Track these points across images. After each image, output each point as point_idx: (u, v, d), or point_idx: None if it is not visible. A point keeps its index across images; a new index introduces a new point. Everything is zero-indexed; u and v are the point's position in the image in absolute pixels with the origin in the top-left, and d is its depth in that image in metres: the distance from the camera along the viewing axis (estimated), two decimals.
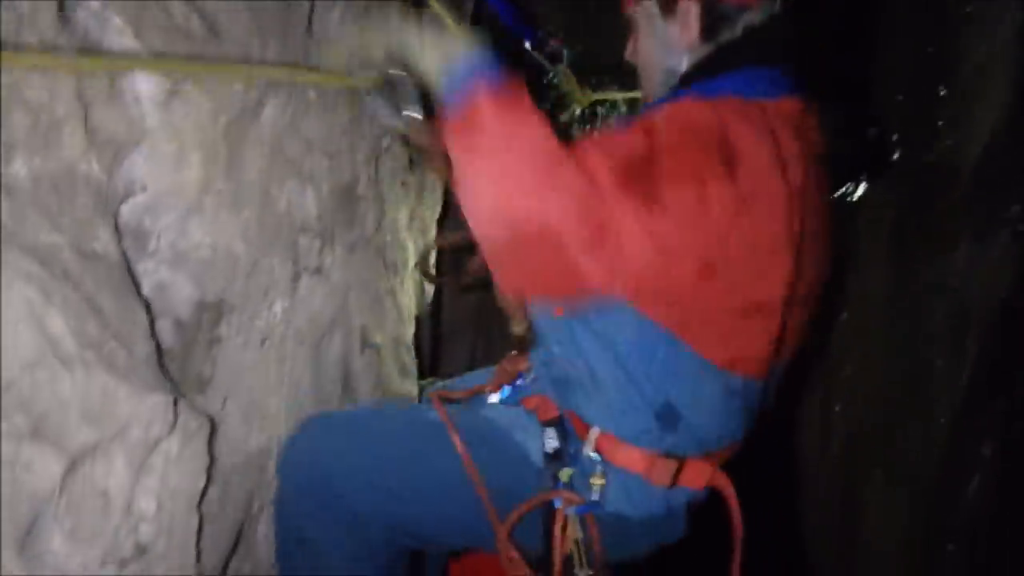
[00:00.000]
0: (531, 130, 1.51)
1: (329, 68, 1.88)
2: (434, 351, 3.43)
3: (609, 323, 1.76)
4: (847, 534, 3.62)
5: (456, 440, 1.86)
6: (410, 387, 2.60)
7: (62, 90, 1.29)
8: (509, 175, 1.51)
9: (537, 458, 1.90)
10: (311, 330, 2.06)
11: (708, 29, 1.80)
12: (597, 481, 1.83)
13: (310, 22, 1.91)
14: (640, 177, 1.51)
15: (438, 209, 3.16)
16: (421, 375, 2.81)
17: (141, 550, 1.44)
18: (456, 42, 1.64)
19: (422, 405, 2.19)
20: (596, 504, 1.83)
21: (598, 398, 1.85)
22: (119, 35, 1.38)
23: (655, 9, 1.87)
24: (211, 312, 1.70)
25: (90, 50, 1.35)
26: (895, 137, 3.78)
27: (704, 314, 1.69)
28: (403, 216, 2.69)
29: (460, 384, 2.31)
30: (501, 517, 1.83)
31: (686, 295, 1.64)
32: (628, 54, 2.03)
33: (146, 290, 1.58)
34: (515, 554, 1.85)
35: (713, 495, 1.94)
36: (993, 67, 3.10)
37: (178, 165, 1.57)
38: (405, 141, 2.19)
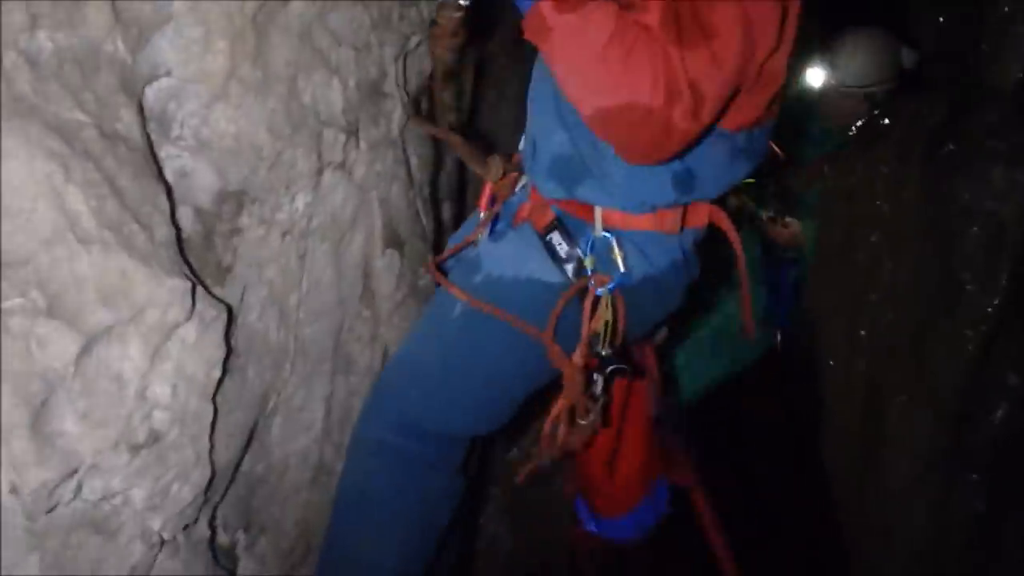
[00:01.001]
0: (594, 23, 1.59)
1: None
2: None
3: None
4: (870, 459, 3.62)
5: (479, 305, 2.00)
6: (432, 288, 2.59)
7: None
8: (587, 68, 1.62)
9: (553, 273, 2.00)
10: (333, 227, 2.04)
11: None
12: (617, 254, 1.96)
13: None
14: (689, 15, 1.59)
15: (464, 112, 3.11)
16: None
17: (154, 437, 1.46)
18: None
19: (439, 294, 2.23)
20: (625, 275, 1.97)
21: (601, 176, 1.94)
22: None
23: None
24: (232, 202, 1.69)
25: None
26: (933, 55, 3.69)
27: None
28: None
29: (452, 244, 2.41)
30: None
31: None
32: None
33: (168, 175, 1.57)
34: (559, 350, 1.98)
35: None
36: None
37: (204, 50, 1.55)
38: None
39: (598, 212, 1.97)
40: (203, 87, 1.58)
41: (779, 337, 4.35)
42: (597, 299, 1.96)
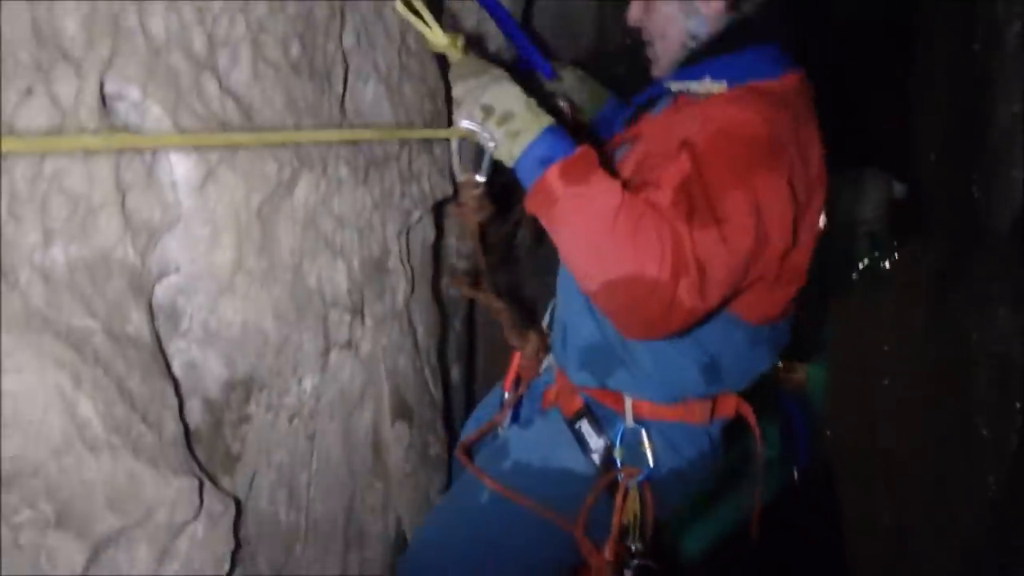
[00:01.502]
0: (602, 194, 1.65)
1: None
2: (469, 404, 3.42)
3: None
4: None
5: (508, 494, 2.05)
6: (442, 455, 2.59)
7: (101, 178, 1.32)
8: (595, 238, 1.65)
9: (582, 463, 2.05)
10: (341, 403, 2.06)
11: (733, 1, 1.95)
12: (647, 447, 2.00)
13: (343, 100, 1.94)
14: (701, 199, 1.65)
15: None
16: (453, 441, 2.81)
17: None
18: (526, 118, 1.74)
19: (465, 478, 2.28)
20: (653, 469, 2.00)
21: (632, 366, 2.00)
22: (158, 124, 1.41)
23: None
24: (240, 390, 1.72)
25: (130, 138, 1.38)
26: (928, 197, 3.78)
27: (748, 285, 1.83)
28: (438, 289, 2.71)
29: (475, 423, 2.50)
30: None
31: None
32: (634, 15, 2.10)
33: (176, 369, 1.60)
34: (591, 545, 2.01)
35: None
36: (1020, 126, 3.10)
37: (211, 246, 1.60)
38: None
39: (628, 402, 2.02)
40: (211, 280, 1.63)
41: (796, 476, 4.31)
42: (627, 492, 1.99)
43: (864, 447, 3.68)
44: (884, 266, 3.71)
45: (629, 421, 2.02)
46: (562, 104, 2.13)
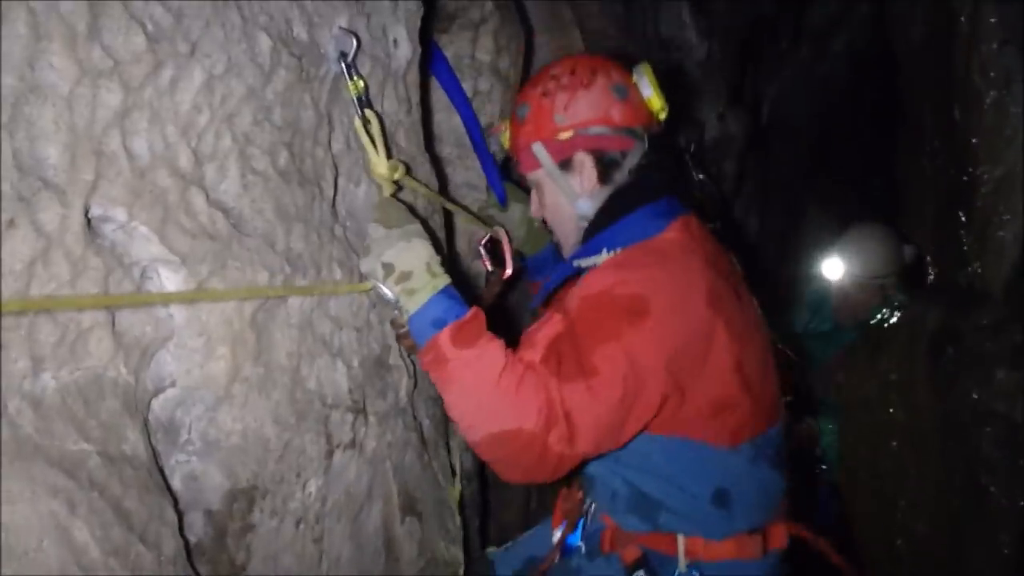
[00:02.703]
0: (488, 359, 1.82)
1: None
2: (483, 505, 3.39)
3: (628, 451, 2.00)
4: None
5: None
6: (455, 552, 2.56)
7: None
8: (481, 396, 1.81)
9: None
10: (348, 504, 2.04)
11: (602, 174, 2.19)
12: None
13: (334, 203, 1.96)
14: (569, 355, 1.83)
15: None
16: (467, 534, 2.77)
17: None
18: (423, 278, 1.88)
19: None
20: None
21: (666, 510, 2.10)
22: (146, 243, 1.43)
23: (553, 167, 2.20)
24: (243, 499, 1.70)
25: (117, 260, 1.39)
26: (928, 259, 3.79)
27: (686, 420, 1.99)
28: None
29: (515, 563, 2.62)
30: None
31: (661, 417, 1.93)
32: (535, 211, 2.40)
33: (177, 483, 1.60)
34: None
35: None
36: (1009, 187, 3.13)
37: (206, 357, 1.60)
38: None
39: (681, 542, 2.11)
40: (208, 391, 1.63)
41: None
42: None
43: (877, 508, 3.63)
44: (890, 323, 3.71)
45: (682, 565, 2.11)
46: (499, 230, 2.21)
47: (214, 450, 1.66)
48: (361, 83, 1.91)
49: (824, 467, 4.12)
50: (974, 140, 3.22)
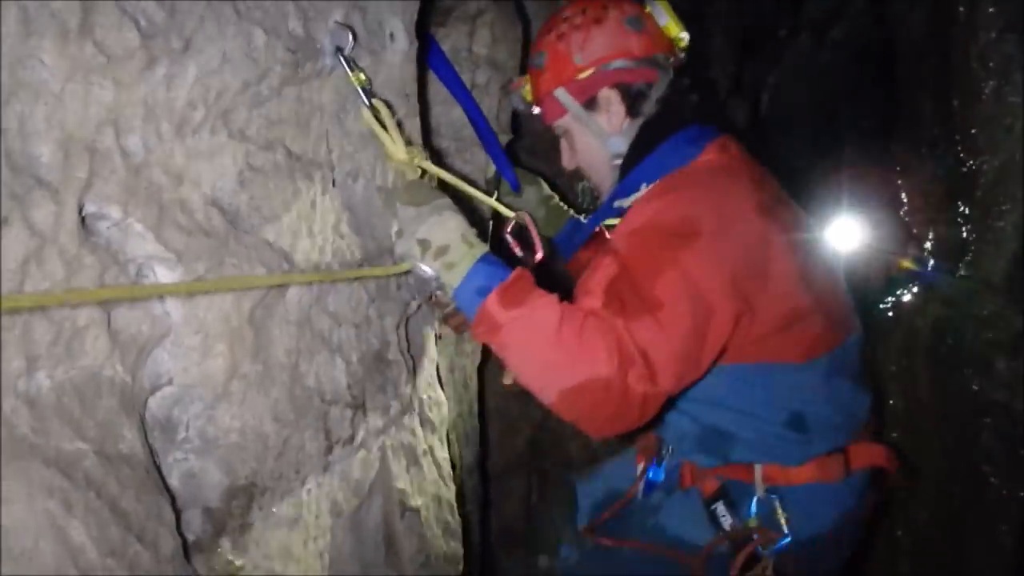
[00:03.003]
0: (542, 315, 1.74)
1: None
2: (484, 498, 3.39)
3: (697, 385, 1.94)
4: None
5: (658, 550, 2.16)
6: (455, 546, 2.56)
7: (85, 298, 1.32)
8: (544, 353, 1.74)
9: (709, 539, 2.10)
10: (348, 500, 2.04)
11: (630, 108, 2.17)
12: (781, 515, 2.03)
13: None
14: (630, 293, 1.77)
15: (478, 356, 3.17)
16: (468, 528, 2.78)
17: None
18: (460, 249, 1.83)
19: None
20: (788, 536, 2.02)
21: (738, 442, 2.07)
22: (141, 240, 1.42)
23: (579, 109, 2.18)
24: (242, 496, 1.70)
25: (112, 258, 1.38)
26: (928, 248, 3.79)
27: (758, 340, 1.93)
28: (442, 371, 2.70)
29: (596, 494, 2.54)
30: None
31: (734, 341, 1.88)
32: (566, 161, 2.35)
33: (175, 481, 1.59)
34: None
35: None
36: (1008, 177, 3.12)
37: (204, 355, 1.59)
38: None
39: (758, 472, 2.08)
40: (206, 389, 1.62)
41: None
42: (757, 558, 2.03)
43: (878, 498, 3.63)
44: (888, 314, 3.71)
45: (760, 491, 2.06)
46: (523, 216, 2.20)
47: (212, 448, 1.65)
48: (362, 75, 1.90)
49: None
50: (973, 130, 3.22)
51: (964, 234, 3.31)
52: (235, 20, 1.57)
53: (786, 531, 2.03)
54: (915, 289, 3.74)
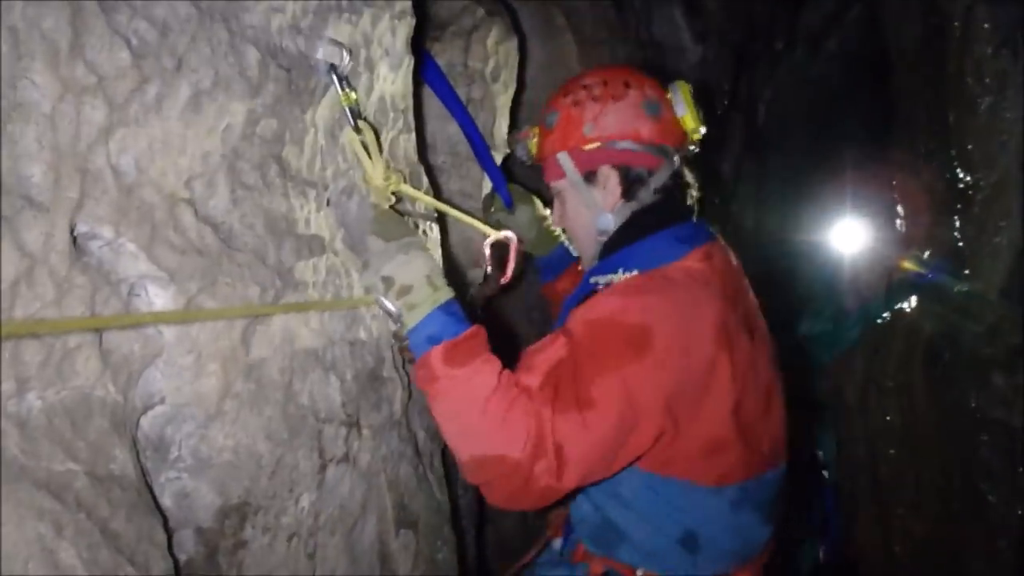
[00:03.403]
0: (478, 381, 1.79)
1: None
2: (480, 514, 3.37)
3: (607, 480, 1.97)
4: None
5: None
6: (451, 563, 2.54)
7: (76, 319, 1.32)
8: (468, 418, 1.79)
9: None
10: (342, 518, 2.03)
11: (627, 191, 2.17)
12: None
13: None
14: (568, 384, 1.79)
15: None
16: (464, 544, 2.76)
17: None
18: (423, 292, 1.85)
19: None
20: None
21: (628, 543, 2.09)
22: (133, 260, 1.42)
23: (578, 178, 2.18)
24: (235, 516, 1.69)
25: (104, 278, 1.38)
26: (925, 256, 3.79)
27: (674, 457, 1.95)
28: None
29: None
30: None
31: (651, 452, 1.90)
32: (556, 220, 2.41)
33: (167, 501, 1.58)
34: None
35: None
36: (1004, 192, 3.13)
37: (197, 374, 1.59)
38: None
39: (639, 575, 2.10)
40: (198, 408, 1.61)
41: (822, 553, 4.22)
42: None
43: (876, 514, 3.62)
44: (886, 320, 3.71)
45: None
46: (509, 235, 2.19)
47: (205, 467, 1.64)
48: (353, 95, 1.89)
49: (825, 473, 4.11)
50: (969, 145, 3.22)
51: (961, 249, 3.32)
52: (228, 39, 1.56)
53: None
54: (912, 303, 3.75)
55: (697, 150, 2.29)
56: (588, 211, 2.21)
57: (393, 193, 2.01)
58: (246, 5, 1.61)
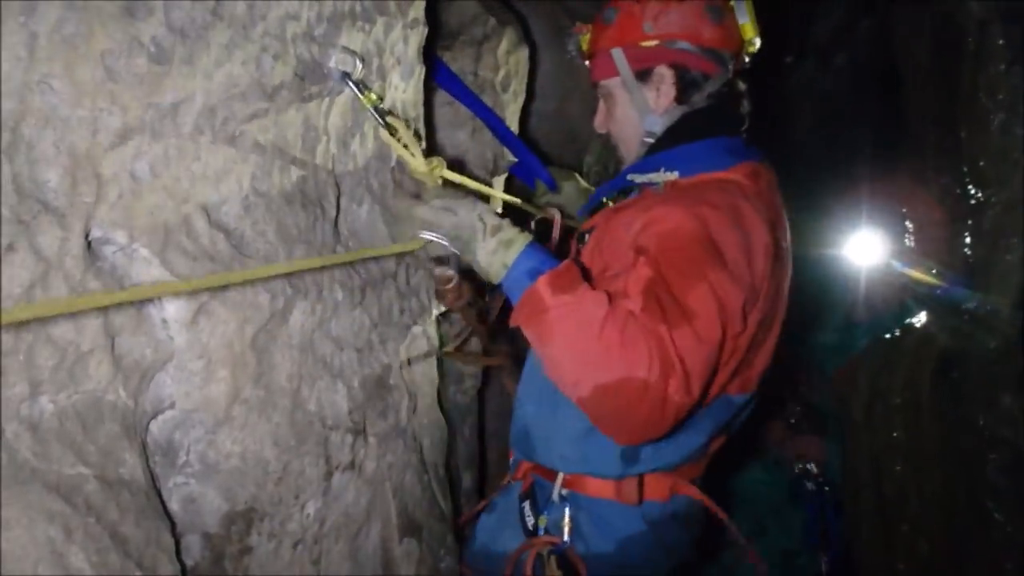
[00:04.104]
0: (589, 306, 1.71)
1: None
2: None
3: None
4: None
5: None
6: (454, 570, 2.54)
7: (89, 324, 1.33)
8: (584, 345, 1.69)
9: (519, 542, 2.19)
10: (347, 525, 2.03)
11: (681, 93, 2.14)
12: (566, 522, 2.11)
13: (336, 223, 1.95)
14: (669, 300, 1.72)
15: (479, 380, 3.16)
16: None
17: None
18: (508, 234, 1.81)
19: None
20: (578, 544, 2.10)
21: (566, 443, 2.10)
22: (146, 265, 1.42)
23: (630, 77, 2.15)
24: (241, 521, 1.69)
25: (117, 283, 1.38)
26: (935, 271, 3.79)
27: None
28: (443, 394, 2.69)
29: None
30: None
31: None
32: (599, 123, 2.31)
33: (174, 505, 1.58)
34: None
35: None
36: (1016, 210, 3.12)
37: (206, 379, 1.59)
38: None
39: (560, 477, 2.13)
40: (207, 413, 1.62)
41: (824, 566, 4.21)
42: (545, 559, 2.10)
43: (880, 531, 3.61)
44: (895, 335, 3.71)
45: (555, 495, 2.13)
46: (553, 212, 2.19)
47: (213, 472, 1.64)
48: (373, 95, 1.89)
49: (827, 488, 4.10)
50: (981, 162, 3.22)
51: (971, 266, 3.31)
52: (243, 45, 1.57)
53: (566, 535, 2.10)
54: (922, 319, 3.75)
55: (749, 64, 2.28)
56: (637, 112, 2.18)
57: (440, 176, 2.00)
58: (262, 13, 1.61)
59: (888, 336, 3.89)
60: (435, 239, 1.88)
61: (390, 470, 2.17)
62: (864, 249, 4.39)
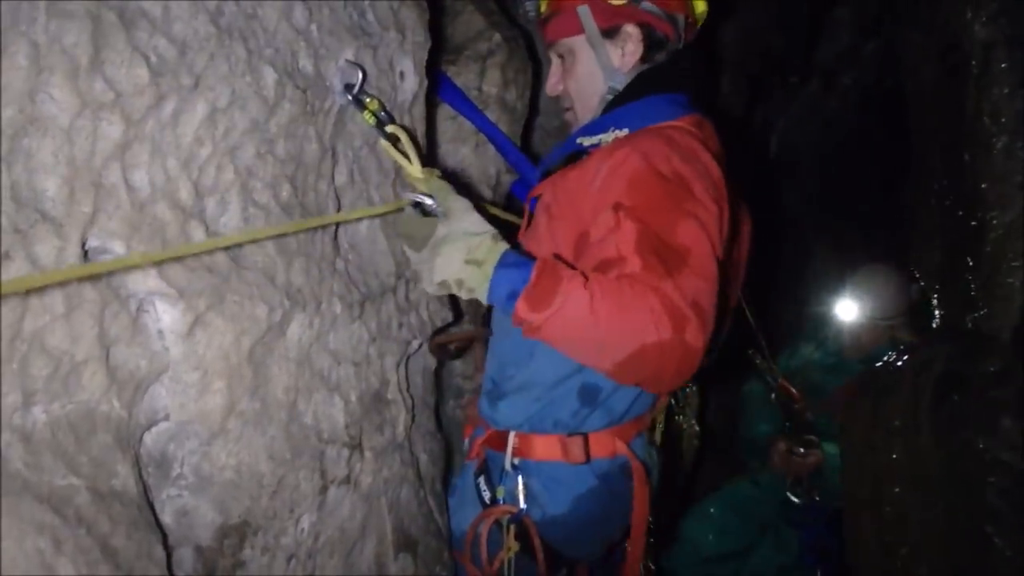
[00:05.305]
0: (572, 305, 1.71)
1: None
2: None
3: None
4: None
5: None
6: None
7: (84, 333, 1.32)
8: (588, 335, 1.72)
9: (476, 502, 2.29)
10: (341, 540, 2.01)
11: (647, 51, 2.16)
12: (520, 489, 2.16)
13: (336, 236, 1.94)
14: (663, 248, 1.73)
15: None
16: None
17: None
18: (481, 248, 1.80)
19: None
20: (533, 510, 2.16)
21: (523, 398, 2.18)
22: (143, 276, 1.42)
23: (596, 34, 2.15)
24: (234, 535, 1.68)
25: (113, 293, 1.38)
26: (934, 301, 3.78)
27: None
28: (442, 409, 2.68)
29: None
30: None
31: None
32: (552, 86, 2.31)
33: (167, 518, 1.57)
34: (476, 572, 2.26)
35: None
36: (1018, 233, 3.12)
37: (202, 391, 1.58)
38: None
39: (511, 439, 2.19)
40: (202, 426, 1.61)
41: None
42: (501, 528, 2.17)
43: (879, 554, 3.58)
44: (895, 364, 3.70)
45: (507, 465, 2.18)
46: None
47: (207, 485, 1.63)
48: (375, 103, 1.90)
49: (818, 499, 4.10)
50: (984, 184, 3.23)
51: (972, 289, 3.31)
52: (246, 58, 1.57)
53: (522, 503, 2.15)
54: (922, 343, 3.75)
55: (691, 36, 2.31)
56: (601, 70, 2.18)
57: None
58: (264, 25, 1.61)
59: (878, 365, 3.90)
60: (420, 200, 1.91)
61: (386, 485, 2.15)
62: (859, 276, 4.39)
